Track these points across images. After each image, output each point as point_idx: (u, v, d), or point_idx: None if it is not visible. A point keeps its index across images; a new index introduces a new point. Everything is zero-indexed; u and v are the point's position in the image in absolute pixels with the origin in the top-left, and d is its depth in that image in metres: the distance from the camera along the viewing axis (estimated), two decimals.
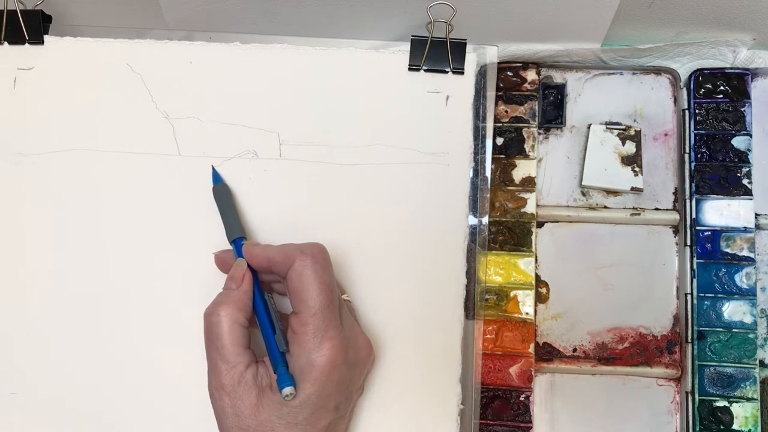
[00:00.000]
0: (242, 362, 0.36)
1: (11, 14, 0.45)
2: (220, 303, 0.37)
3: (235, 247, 0.40)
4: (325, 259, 0.37)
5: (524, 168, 0.49)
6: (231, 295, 0.37)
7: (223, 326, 0.36)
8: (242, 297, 0.37)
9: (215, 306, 0.37)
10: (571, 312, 0.48)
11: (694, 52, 0.50)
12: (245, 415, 0.35)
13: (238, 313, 0.37)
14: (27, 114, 0.44)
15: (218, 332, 0.36)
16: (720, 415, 0.46)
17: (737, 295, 0.47)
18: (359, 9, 0.47)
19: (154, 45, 0.45)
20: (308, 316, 0.35)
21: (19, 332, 0.42)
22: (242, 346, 0.36)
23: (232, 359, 0.36)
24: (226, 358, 0.36)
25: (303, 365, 0.35)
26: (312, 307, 0.35)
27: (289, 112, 0.45)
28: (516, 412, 0.46)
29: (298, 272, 0.36)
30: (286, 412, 0.35)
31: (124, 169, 0.44)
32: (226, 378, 0.35)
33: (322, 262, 0.37)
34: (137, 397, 0.42)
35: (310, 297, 0.35)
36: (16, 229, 0.43)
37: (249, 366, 0.36)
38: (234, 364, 0.36)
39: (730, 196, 0.48)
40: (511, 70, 0.50)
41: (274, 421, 0.35)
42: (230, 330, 0.36)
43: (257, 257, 0.38)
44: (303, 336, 0.35)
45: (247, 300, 0.37)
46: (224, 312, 0.36)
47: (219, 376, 0.36)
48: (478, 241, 0.44)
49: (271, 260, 0.37)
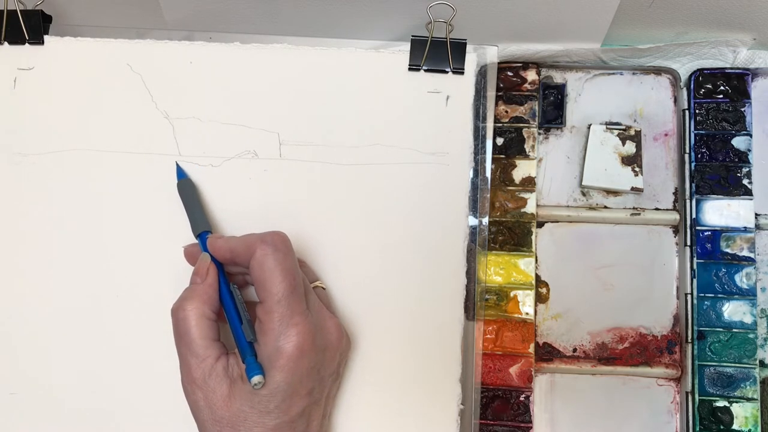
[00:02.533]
0: (212, 355, 0.36)
1: (11, 14, 0.45)
2: (186, 298, 0.37)
3: (201, 240, 0.40)
4: (286, 246, 0.37)
5: (524, 168, 0.49)
6: (196, 290, 0.37)
7: (191, 321, 0.36)
8: (207, 290, 0.37)
9: (181, 301, 0.37)
10: (571, 312, 0.48)
11: (694, 52, 0.50)
12: (218, 406, 0.35)
13: (204, 306, 0.37)
14: (27, 114, 0.44)
15: (186, 327, 0.36)
16: (720, 415, 0.46)
17: (737, 295, 0.47)
18: (359, 9, 0.47)
19: (154, 45, 0.45)
20: (272, 304, 0.35)
21: (18, 332, 0.42)
22: (210, 339, 0.37)
23: (201, 353, 0.36)
24: (195, 352, 0.36)
25: (270, 353, 0.35)
26: (275, 295, 0.35)
27: (289, 112, 0.45)
28: (516, 412, 0.46)
29: (260, 261, 0.36)
30: (257, 401, 0.35)
31: (124, 169, 0.44)
32: (197, 371, 0.36)
33: (283, 249, 0.36)
34: (137, 397, 0.42)
35: (273, 285, 0.35)
36: (15, 229, 0.43)
37: (219, 358, 0.36)
38: (203, 358, 0.36)
39: (730, 196, 0.48)
40: (511, 70, 0.50)
41: (247, 411, 0.35)
42: (197, 324, 0.36)
43: (220, 249, 0.38)
44: (269, 324, 0.35)
45: (212, 293, 0.38)
46: (190, 306, 0.36)
47: (190, 370, 0.36)
48: (478, 241, 0.44)
49: (233, 251, 0.38)
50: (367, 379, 0.42)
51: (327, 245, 0.43)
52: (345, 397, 0.42)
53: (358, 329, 0.42)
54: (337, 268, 0.43)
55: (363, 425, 0.42)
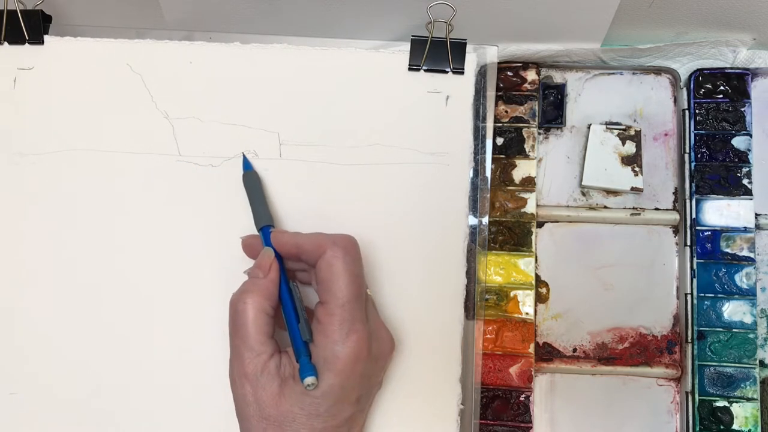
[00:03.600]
0: (266, 351, 0.36)
1: (11, 14, 0.45)
2: (247, 291, 0.36)
3: (263, 234, 0.40)
4: (356, 251, 0.37)
5: (524, 168, 0.49)
6: (258, 284, 0.37)
7: (249, 314, 0.36)
8: (269, 285, 0.37)
9: (242, 294, 0.36)
10: (571, 312, 0.48)
11: (694, 52, 0.50)
12: (267, 404, 0.35)
13: (264, 301, 0.36)
14: (27, 114, 0.44)
15: (244, 320, 0.36)
16: (720, 415, 0.46)
17: (737, 295, 0.47)
18: (359, 9, 0.47)
19: (154, 45, 0.45)
20: (335, 307, 0.35)
21: (18, 332, 0.42)
22: (267, 335, 0.36)
23: (257, 347, 0.35)
24: (251, 346, 0.35)
25: (327, 356, 0.35)
26: (340, 299, 0.35)
27: (289, 112, 0.45)
28: (516, 412, 0.46)
29: (329, 263, 0.36)
30: (308, 402, 0.35)
31: (124, 169, 0.44)
32: (250, 366, 0.35)
33: (353, 254, 0.37)
34: (137, 397, 0.42)
35: (339, 288, 0.35)
36: (16, 229, 0.43)
37: (272, 355, 0.36)
38: (258, 353, 0.35)
39: (730, 196, 0.48)
40: (511, 70, 0.50)
41: (296, 412, 0.35)
42: (256, 318, 0.36)
43: (286, 245, 0.38)
44: (329, 326, 0.35)
45: (273, 289, 0.37)
46: (251, 300, 0.36)
47: (242, 363, 0.35)
48: (478, 241, 0.44)
49: (300, 248, 0.37)
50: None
51: None
52: None
53: None
54: None
55: None
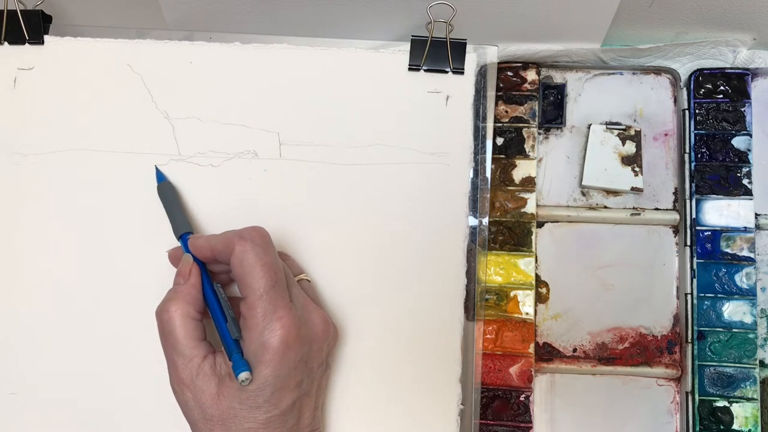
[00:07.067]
0: (198, 354, 0.36)
1: (11, 14, 0.45)
2: (170, 299, 0.37)
3: (182, 242, 0.40)
4: (265, 240, 0.37)
5: (524, 168, 0.49)
6: (180, 290, 0.37)
7: (175, 321, 0.36)
8: (191, 290, 0.37)
9: (165, 303, 0.37)
10: (571, 312, 0.48)
11: (694, 52, 0.50)
12: (207, 405, 0.35)
13: (188, 306, 0.37)
14: (27, 114, 0.44)
15: (171, 328, 0.36)
16: (720, 415, 0.46)
17: (737, 295, 0.47)
18: (359, 9, 0.47)
19: (154, 45, 0.45)
20: (255, 299, 0.35)
21: (18, 332, 0.42)
22: (196, 338, 0.37)
23: (188, 352, 0.36)
24: (181, 352, 0.36)
25: (256, 349, 0.35)
26: (257, 290, 0.35)
27: (289, 112, 0.45)
28: (516, 412, 0.46)
29: (239, 257, 0.36)
30: (246, 397, 0.35)
31: (124, 169, 0.44)
32: (184, 372, 0.36)
33: (262, 244, 0.37)
34: (137, 397, 0.42)
35: (254, 280, 0.36)
36: (15, 229, 0.43)
37: (206, 357, 0.36)
38: (190, 357, 0.36)
39: (730, 196, 0.48)
40: (511, 70, 0.50)
41: (236, 407, 0.35)
42: (182, 324, 0.36)
43: (201, 249, 0.38)
44: (252, 320, 0.35)
45: (196, 293, 0.38)
46: (174, 307, 0.37)
47: (177, 370, 0.36)
48: (478, 241, 0.44)
49: (213, 249, 0.38)
50: (367, 379, 0.42)
51: (327, 245, 0.43)
52: (345, 396, 0.42)
53: (357, 329, 0.42)
54: (337, 269, 0.43)
55: (363, 425, 0.42)
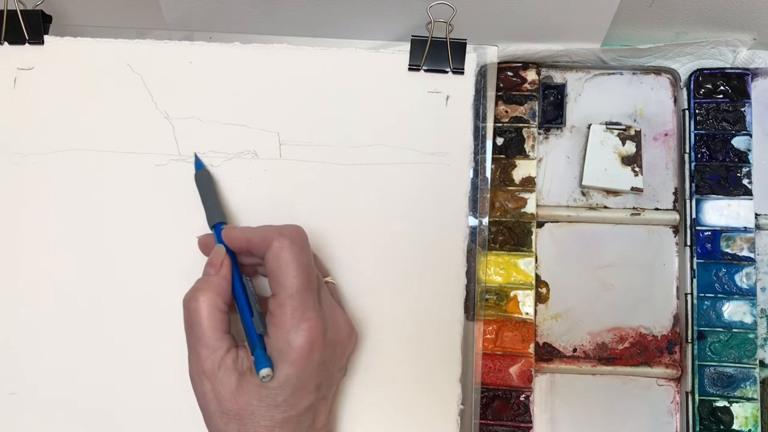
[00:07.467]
0: (222, 347, 0.36)
1: (11, 14, 0.45)
2: (199, 289, 0.37)
3: (215, 232, 0.40)
4: (303, 240, 0.37)
5: (524, 168, 0.49)
6: (210, 281, 0.37)
7: (203, 312, 0.36)
8: (221, 282, 0.37)
9: (194, 292, 0.37)
10: (571, 312, 0.48)
11: (694, 52, 0.50)
12: (226, 398, 0.35)
13: (217, 298, 0.37)
14: (27, 114, 0.44)
15: (198, 318, 0.36)
16: (720, 415, 0.45)
17: (737, 295, 0.47)
18: (359, 9, 0.47)
19: (154, 45, 0.45)
20: (285, 297, 0.35)
21: (18, 332, 0.42)
22: (222, 331, 0.36)
23: (212, 344, 0.36)
24: (206, 343, 0.36)
25: (281, 347, 0.35)
26: (289, 288, 0.35)
27: (289, 112, 0.45)
28: (516, 412, 0.46)
29: (276, 254, 0.36)
30: (265, 394, 0.35)
31: (124, 169, 0.44)
32: (207, 363, 0.36)
33: (299, 243, 0.37)
34: (137, 397, 0.42)
35: (287, 278, 0.35)
36: (15, 229, 0.43)
37: (229, 350, 0.36)
38: (214, 349, 0.36)
39: (730, 196, 0.48)
40: (511, 70, 0.50)
41: (255, 404, 0.35)
42: (209, 315, 0.36)
43: (236, 240, 0.38)
44: (280, 317, 0.35)
45: (225, 285, 0.37)
46: (203, 298, 0.36)
47: (199, 361, 0.36)
48: (478, 241, 0.44)
49: (249, 242, 0.37)
50: (367, 379, 0.42)
51: (327, 245, 0.43)
52: (345, 396, 0.42)
53: (357, 329, 0.42)
54: (337, 269, 0.43)
55: (363, 425, 0.42)
